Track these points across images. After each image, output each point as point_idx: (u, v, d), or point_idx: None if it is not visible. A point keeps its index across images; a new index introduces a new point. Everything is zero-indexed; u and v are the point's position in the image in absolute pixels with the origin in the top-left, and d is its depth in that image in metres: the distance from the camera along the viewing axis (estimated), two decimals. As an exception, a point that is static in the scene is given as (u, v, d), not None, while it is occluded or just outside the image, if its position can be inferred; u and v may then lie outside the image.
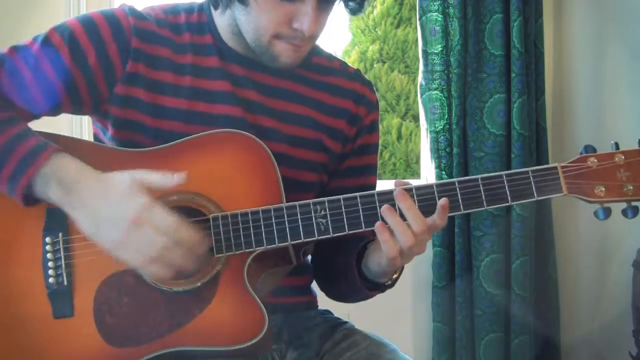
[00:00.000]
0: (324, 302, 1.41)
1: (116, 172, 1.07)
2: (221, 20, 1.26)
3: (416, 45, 2.94)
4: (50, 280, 1.12)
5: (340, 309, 1.39)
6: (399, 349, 1.27)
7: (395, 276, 1.24)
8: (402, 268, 1.24)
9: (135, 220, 1.03)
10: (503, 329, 2.52)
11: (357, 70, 1.39)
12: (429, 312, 2.57)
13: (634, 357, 2.28)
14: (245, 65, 1.27)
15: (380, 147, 1.43)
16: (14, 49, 1.20)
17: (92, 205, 1.06)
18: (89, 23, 1.21)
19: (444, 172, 2.51)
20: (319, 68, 1.33)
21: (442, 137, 2.52)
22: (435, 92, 2.52)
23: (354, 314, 1.38)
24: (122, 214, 1.03)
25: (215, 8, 1.25)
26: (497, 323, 2.51)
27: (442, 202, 1.10)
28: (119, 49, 1.20)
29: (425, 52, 2.53)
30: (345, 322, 1.36)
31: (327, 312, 1.40)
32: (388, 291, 1.27)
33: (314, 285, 1.41)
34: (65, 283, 1.13)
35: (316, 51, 1.35)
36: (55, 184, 1.08)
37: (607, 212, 1.12)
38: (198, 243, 1.06)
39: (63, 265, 1.13)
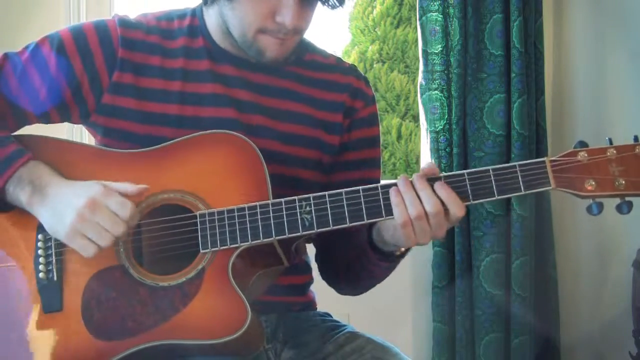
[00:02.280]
0: (323, 304, 1.41)
1: (84, 180, 1.15)
2: (212, 21, 1.27)
3: (416, 45, 2.94)
4: (41, 275, 1.16)
5: (340, 310, 1.39)
6: (400, 351, 1.28)
7: (404, 249, 1.23)
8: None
9: (91, 204, 1.09)
10: (503, 329, 2.52)
11: (353, 65, 1.40)
12: (429, 312, 2.57)
13: (634, 357, 2.28)
14: (237, 66, 1.28)
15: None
16: (5, 56, 1.24)
17: (55, 202, 1.12)
18: (78, 33, 1.25)
19: (444, 173, 2.50)
20: (313, 64, 1.34)
21: (442, 137, 2.52)
22: (435, 92, 2.52)
23: (354, 314, 1.38)
24: (78, 200, 1.10)
25: (205, 3, 1.26)
26: (497, 323, 2.51)
27: (437, 184, 1.12)
28: (105, 59, 1.23)
29: (425, 52, 2.53)
30: (345, 325, 1.36)
31: (327, 314, 1.40)
32: (388, 291, 1.27)
33: (313, 287, 1.41)
34: (55, 278, 1.16)
35: (310, 48, 1.36)
36: (28, 186, 1.14)
37: (601, 207, 1.09)
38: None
39: (54, 261, 1.16)
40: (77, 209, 1.09)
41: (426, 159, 2.60)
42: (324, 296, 1.44)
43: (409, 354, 1.27)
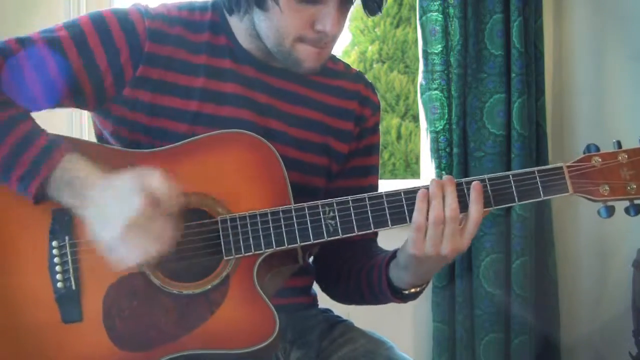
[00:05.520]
0: (324, 301, 1.41)
1: (123, 172, 1.07)
2: (237, 21, 1.24)
3: (416, 45, 2.94)
4: (59, 284, 1.11)
5: (340, 308, 1.39)
6: (396, 346, 1.27)
7: (412, 290, 1.23)
8: (424, 286, 1.23)
9: (131, 222, 1.02)
10: (503, 329, 2.52)
11: (359, 72, 1.39)
12: (429, 312, 2.57)
13: (634, 357, 2.28)
14: (257, 68, 1.25)
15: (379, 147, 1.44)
16: (19, 42, 1.16)
17: (98, 206, 1.06)
18: (101, 24, 1.19)
19: (444, 172, 2.51)
20: (326, 70, 1.31)
21: (442, 137, 2.52)
22: (435, 92, 2.52)
23: (354, 313, 1.38)
24: (120, 215, 1.03)
25: (230, 14, 1.23)
26: (497, 323, 2.51)
27: (475, 184, 1.10)
28: (131, 55, 1.18)
29: (425, 52, 2.53)
30: (345, 320, 1.36)
31: (328, 310, 1.39)
32: (388, 291, 1.26)
33: (314, 285, 1.41)
34: (74, 287, 1.11)
35: None
36: (67, 188, 1.08)
37: (611, 211, 1.12)
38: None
39: (71, 269, 1.11)
40: (118, 225, 1.02)
41: (426, 159, 2.60)
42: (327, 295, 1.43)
43: (409, 354, 1.27)
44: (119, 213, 1.03)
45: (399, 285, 1.21)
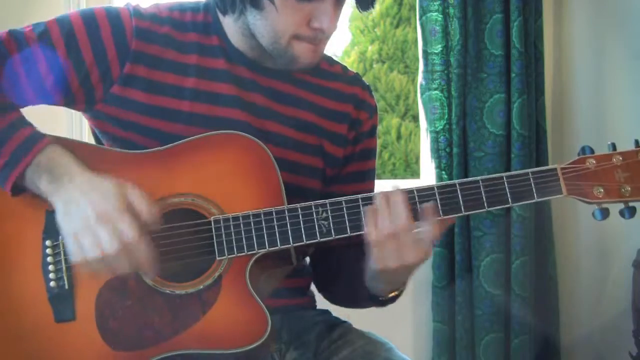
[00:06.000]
0: (323, 302, 1.41)
1: (107, 176, 1.08)
2: (229, 21, 1.24)
3: (416, 45, 2.95)
4: (51, 284, 1.11)
5: (340, 309, 1.39)
6: (395, 347, 1.27)
7: (391, 295, 1.23)
8: (402, 288, 1.23)
9: (100, 216, 1.03)
10: (503, 329, 2.52)
11: (357, 74, 1.39)
12: (429, 312, 2.57)
13: (634, 357, 2.28)
14: (252, 69, 1.25)
15: (379, 147, 1.44)
16: (10, 35, 1.18)
17: (68, 194, 1.07)
18: (90, 20, 1.20)
19: (444, 172, 2.51)
20: (321, 72, 1.32)
21: (442, 137, 2.52)
22: (435, 92, 2.52)
23: (354, 313, 1.38)
24: (92, 206, 1.04)
25: (224, 14, 1.23)
26: (497, 323, 2.51)
27: (425, 205, 1.09)
28: (118, 51, 1.19)
29: (425, 52, 2.53)
30: (344, 322, 1.36)
31: (326, 311, 1.39)
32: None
33: (312, 286, 1.41)
34: (67, 287, 1.12)
35: None
36: (46, 174, 1.09)
37: (605, 213, 1.12)
38: (147, 265, 1.06)
39: (64, 268, 1.12)
40: (85, 213, 1.04)
41: (426, 159, 2.60)
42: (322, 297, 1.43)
43: (409, 354, 1.27)
44: (86, 207, 1.04)
45: (376, 293, 1.22)
